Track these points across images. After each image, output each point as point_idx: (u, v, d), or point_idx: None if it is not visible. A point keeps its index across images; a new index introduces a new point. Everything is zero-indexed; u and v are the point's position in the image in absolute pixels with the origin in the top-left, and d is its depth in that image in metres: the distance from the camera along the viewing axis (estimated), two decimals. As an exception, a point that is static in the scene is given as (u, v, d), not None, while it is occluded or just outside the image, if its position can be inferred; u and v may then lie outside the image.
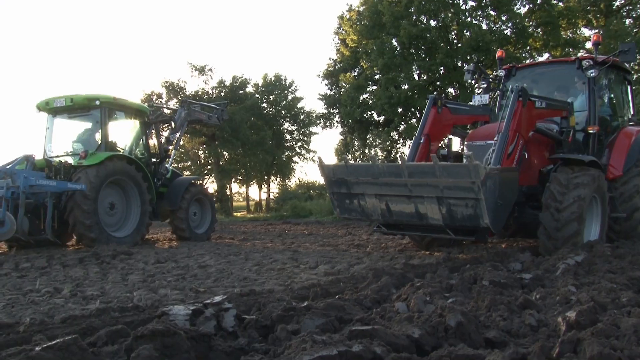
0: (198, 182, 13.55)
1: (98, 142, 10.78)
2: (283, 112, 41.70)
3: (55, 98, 10.90)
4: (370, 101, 26.88)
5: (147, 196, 10.95)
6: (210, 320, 2.97)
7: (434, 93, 7.97)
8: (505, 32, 24.38)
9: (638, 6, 25.18)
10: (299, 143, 43.60)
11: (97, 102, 10.70)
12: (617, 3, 25.67)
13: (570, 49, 24.21)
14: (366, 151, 34.99)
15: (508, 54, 22.73)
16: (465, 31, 24.27)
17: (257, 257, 8.02)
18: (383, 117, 29.12)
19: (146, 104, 14.12)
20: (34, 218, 9.60)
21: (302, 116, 42.07)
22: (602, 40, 24.59)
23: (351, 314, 3.41)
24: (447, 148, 8.53)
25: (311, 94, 78.92)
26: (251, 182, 44.22)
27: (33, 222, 9.54)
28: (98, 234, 9.70)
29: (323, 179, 7.60)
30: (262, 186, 45.05)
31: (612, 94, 9.34)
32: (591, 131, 8.23)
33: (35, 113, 11.32)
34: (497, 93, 9.44)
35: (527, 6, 25.05)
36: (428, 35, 24.13)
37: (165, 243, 11.68)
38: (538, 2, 24.37)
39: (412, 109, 25.64)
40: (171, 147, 12.77)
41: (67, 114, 11.22)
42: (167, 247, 10.41)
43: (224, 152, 38.21)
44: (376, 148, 34.29)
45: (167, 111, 14.17)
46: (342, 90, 29.71)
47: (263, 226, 18.22)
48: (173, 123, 13.19)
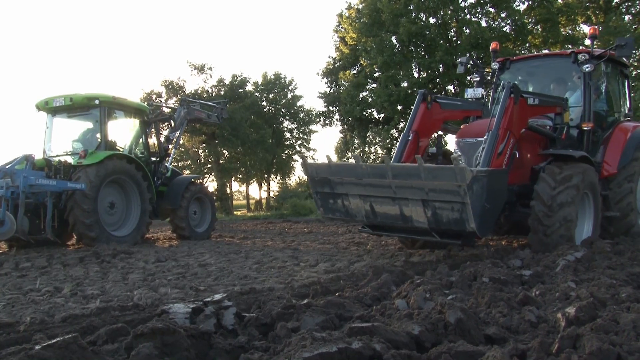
0: (198, 181, 13.54)
1: (98, 142, 10.77)
2: (283, 111, 41.71)
3: (54, 97, 10.89)
4: (369, 99, 26.89)
5: (147, 195, 10.95)
6: (210, 318, 2.97)
7: (424, 89, 8.08)
8: (504, 29, 24.38)
9: (637, 2, 25.16)
10: (299, 141, 43.61)
11: (97, 102, 10.69)
12: (616, -1, 25.65)
13: (569, 46, 24.19)
14: (366, 149, 35.00)
15: (507, 51, 22.74)
16: (464, 28, 24.29)
17: (258, 256, 8.02)
18: (383, 115, 29.15)
19: (146, 103, 14.09)
20: (34, 217, 9.61)
21: (302, 114, 42.09)
22: (601, 36, 24.62)
23: (351, 312, 3.41)
24: (437, 145, 8.26)
25: (311, 92, 79.12)
26: (251, 181, 44.24)
27: (33, 222, 9.55)
28: (98, 233, 9.70)
29: (307, 178, 7.39)
30: (262, 185, 45.09)
31: (609, 89, 9.05)
32: (585, 128, 8.01)
33: (34, 112, 11.32)
34: (493, 87, 9.18)
35: (526, 3, 25.08)
36: (427, 32, 24.14)
37: (165, 242, 11.68)
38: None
39: (412, 107, 25.64)
40: (171, 146, 12.77)
41: (67, 114, 11.21)
42: (167, 246, 10.41)
43: (224, 151, 38.21)
44: (376, 146, 34.28)
45: (167, 110, 14.16)
46: (342, 88, 29.71)
47: (263, 225, 18.23)
48: (173, 122, 13.18)
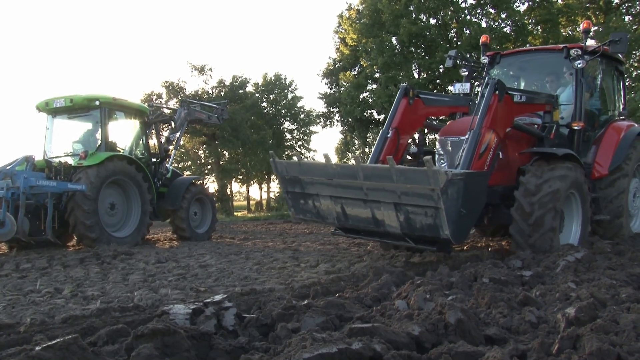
0: (198, 182, 13.54)
1: (98, 143, 10.77)
2: (283, 112, 41.74)
3: (55, 98, 10.90)
4: (370, 100, 26.89)
5: (148, 196, 10.95)
6: (210, 319, 2.97)
7: (406, 84, 7.57)
8: (504, 30, 24.38)
9: (637, 3, 25.16)
10: (299, 142, 43.64)
11: (97, 103, 10.70)
12: (617, 0, 25.65)
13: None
14: (366, 150, 34.97)
15: (508, 52, 22.71)
16: (464, 29, 24.29)
17: (258, 257, 8.02)
18: (383, 116, 29.13)
19: (146, 104, 14.09)
20: (35, 219, 9.60)
21: (302, 115, 42.12)
22: (601, 36, 24.61)
23: (351, 312, 3.41)
24: (418, 144, 7.87)
25: (311, 93, 79.05)
26: (252, 182, 44.24)
27: (33, 223, 9.54)
28: (99, 234, 9.70)
29: (277, 177, 7.10)
30: (263, 185, 45.09)
31: (603, 86, 8.70)
32: (575, 127, 7.65)
33: (35, 114, 11.33)
34: (482, 82, 8.69)
35: (527, 3, 25.06)
36: (428, 33, 24.15)
37: (165, 243, 11.69)
38: (537, 0, 24.37)
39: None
40: (171, 147, 12.77)
41: (67, 115, 11.22)
42: (168, 247, 10.42)
43: (224, 152, 38.23)
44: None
45: (167, 111, 14.16)
46: (342, 89, 29.71)
47: (264, 225, 18.23)
48: (173, 123, 13.18)
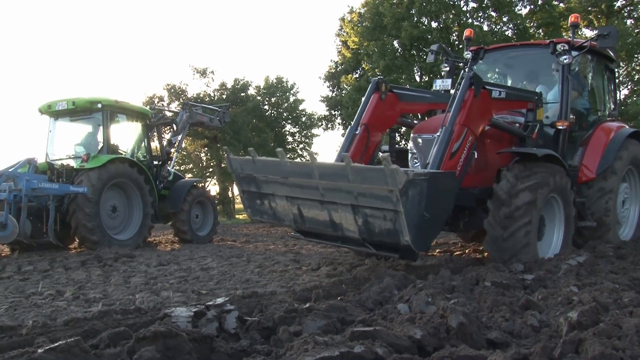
0: (200, 185, 13.55)
1: (100, 145, 10.79)
2: (285, 114, 41.74)
3: (57, 101, 10.93)
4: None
5: (149, 199, 10.96)
6: (212, 322, 2.97)
7: (378, 77, 7.14)
8: (506, 33, 24.40)
9: (639, 7, 25.17)
10: (301, 145, 43.65)
11: (99, 105, 10.72)
12: (618, 4, 25.67)
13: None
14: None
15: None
16: (466, 32, 24.29)
17: (259, 259, 8.02)
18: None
19: (148, 107, 14.13)
20: (37, 221, 9.61)
21: (304, 118, 42.11)
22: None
23: (353, 316, 3.41)
24: (389, 142, 7.33)
25: (313, 96, 79.12)
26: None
27: (35, 225, 9.55)
28: (100, 237, 9.71)
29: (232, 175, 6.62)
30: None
31: (592, 85, 8.31)
32: (560, 127, 7.18)
33: (37, 116, 11.36)
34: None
35: (528, 7, 25.11)
36: (429, 36, 24.19)
37: (167, 245, 11.69)
38: (539, 3, 24.42)
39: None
40: (173, 150, 12.79)
41: (69, 117, 11.25)
42: (169, 250, 10.42)
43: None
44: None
45: (169, 114, 14.19)
46: (344, 92, 29.74)
47: (265, 228, 18.23)
48: (175, 126, 13.21)
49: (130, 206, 10.83)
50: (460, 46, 24.09)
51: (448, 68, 8.23)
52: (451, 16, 24.46)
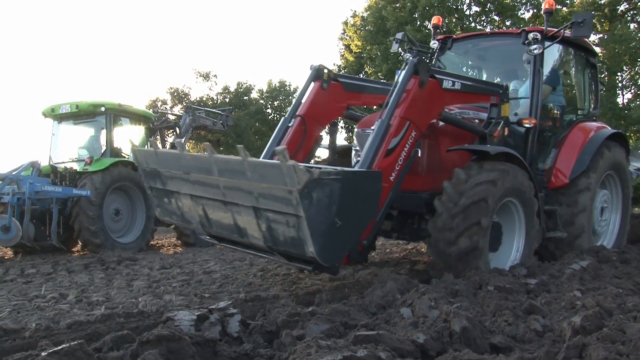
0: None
1: (103, 149, 10.83)
2: (287, 118, 41.78)
3: (60, 104, 10.98)
4: (374, 107, 26.92)
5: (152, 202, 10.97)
6: (215, 325, 2.97)
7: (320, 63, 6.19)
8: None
9: (642, 11, 25.19)
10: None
11: (103, 109, 10.76)
12: (622, 8, 25.67)
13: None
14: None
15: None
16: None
17: (262, 263, 8.02)
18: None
19: (151, 110, 14.18)
20: (40, 224, 9.65)
21: (307, 122, 42.12)
22: (606, 44, 24.61)
23: (356, 319, 3.41)
24: (330, 138, 6.51)
25: (315, 100, 78.58)
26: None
27: (39, 228, 9.58)
28: (103, 240, 9.72)
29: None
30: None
31: (570, 80, 7.66)
32: (527, 125, 6.44)
33: (41, 119, 11.41)
34: None
35: (531, 11, 25.12)
36: (432, 40, 24.20)
37: (170, 249, 11.70)
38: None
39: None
40: (176, 153, 12.80)
41: (73, 120, 11.28)
42: (172, 253, 10.42)
43: (229, 158, 38.26)
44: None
45: (172, 117, 14.22)
46: (347, 95, 29.73)
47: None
48: (178, 129, 13.24)
49: (133, 209, 10.87)
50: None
51: (411, 58, 7.48)
52: (454, 20, 24.50)
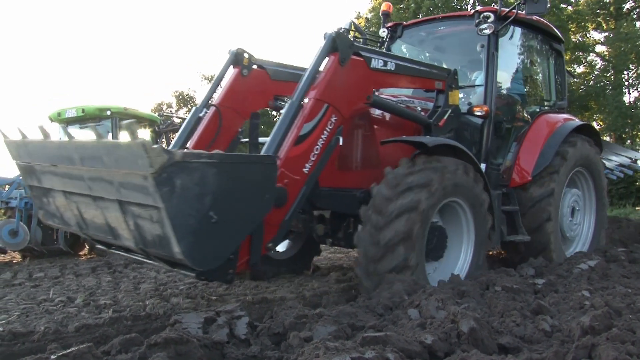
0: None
1: (109, 152, 10.88)
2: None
3: (67, 109, 11.04)
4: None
5: (159, 205, 11.00)
6: (222, 328, 2.98)
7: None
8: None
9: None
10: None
11: (108, 112, 10.82)
12: (627, 5, 25.58)
13: (579, 53, 24.09)
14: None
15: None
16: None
17: (268, 265, 8.02)
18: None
19: (156, 114, 14.21)
20: (47, 228, 9.67)
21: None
22: (612, 42, 24.52)
23: (363, 321, 3.40)
24: (251, 129, 5.66)
25: (320, 102, 78.49)
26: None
27: (46, 232, 9.62)
28: (110, 243, 9.76)
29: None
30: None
31: (534, 68, 7.05)
32: (477, 113, 5.78)
33: (48, 124, 11.47)
34: None
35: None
36: (436, 41, 24.17)
37: (176, 251, 11.71)
38: (547, 7, 24.34)
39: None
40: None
41: (79, 124, 11.34)
42: (179, 256, 10.44)
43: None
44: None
45: (178, 120, 14.25)
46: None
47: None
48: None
49: (139, 213, 10.91)
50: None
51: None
52: (459, 20, 24.45)
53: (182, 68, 71.25)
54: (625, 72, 26.03)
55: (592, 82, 25.10)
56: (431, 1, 23.48)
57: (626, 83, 26.61)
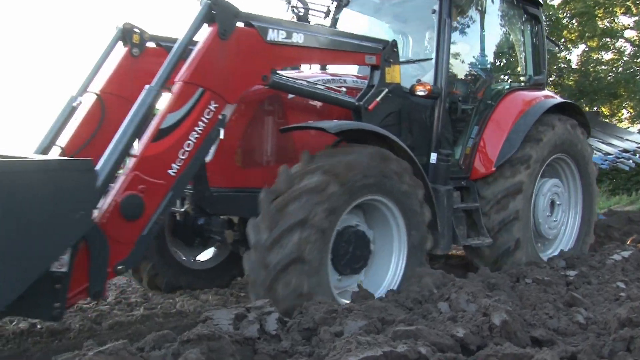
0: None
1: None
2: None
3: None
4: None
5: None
6: (253, 323, 2.99)
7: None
8: (538, 25, 23.87)
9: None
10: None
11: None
12: (657, -11, 24.84)
13: (607, 39, 23.52)
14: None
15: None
16: (497, 25, 23.93)
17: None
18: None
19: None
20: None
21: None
22: (641, 28, 23.79)
23: (393, 315, 3.39)
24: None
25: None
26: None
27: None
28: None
29: None
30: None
31: (503, 36, 6.06)
32: (419, 92, 4.80)
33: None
34: None
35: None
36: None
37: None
38: None
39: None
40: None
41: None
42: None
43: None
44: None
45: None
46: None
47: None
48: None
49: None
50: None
51: (295, 18, 5.69)
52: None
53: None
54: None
55: (621, 69, 24.49)
56: None
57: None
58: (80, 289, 3.03)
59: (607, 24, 25.01)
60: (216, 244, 5.44)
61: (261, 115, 4.36)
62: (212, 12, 3.56)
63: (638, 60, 24.71)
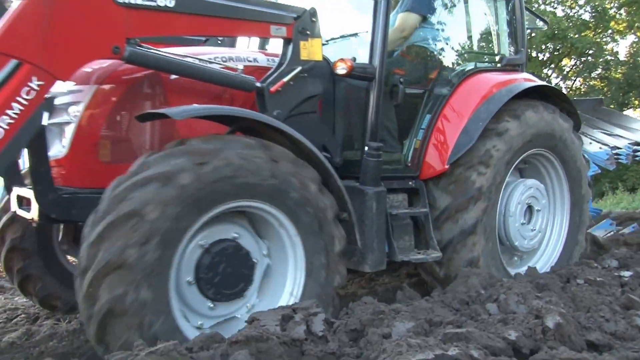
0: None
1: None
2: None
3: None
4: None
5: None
6: (299, 325, 2.99)
7: None
8: (583, 17, 23.17)
9: None
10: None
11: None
12: None
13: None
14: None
15: (587, 40, 21.54)
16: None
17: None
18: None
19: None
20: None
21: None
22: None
23: (440, 316, 3.33)
24: None
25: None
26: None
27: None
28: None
29: None
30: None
31: (469, 8, 5.01)
32: (339, 70, 3.77)
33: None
34: None
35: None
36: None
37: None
38: None
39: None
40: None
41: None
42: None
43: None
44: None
45: None
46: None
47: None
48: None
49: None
50: (532, 34, 23.11)
51: None
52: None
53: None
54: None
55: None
56: None
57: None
58: None
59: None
60: None
61: (135, 99, 3.43)
62: None
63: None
